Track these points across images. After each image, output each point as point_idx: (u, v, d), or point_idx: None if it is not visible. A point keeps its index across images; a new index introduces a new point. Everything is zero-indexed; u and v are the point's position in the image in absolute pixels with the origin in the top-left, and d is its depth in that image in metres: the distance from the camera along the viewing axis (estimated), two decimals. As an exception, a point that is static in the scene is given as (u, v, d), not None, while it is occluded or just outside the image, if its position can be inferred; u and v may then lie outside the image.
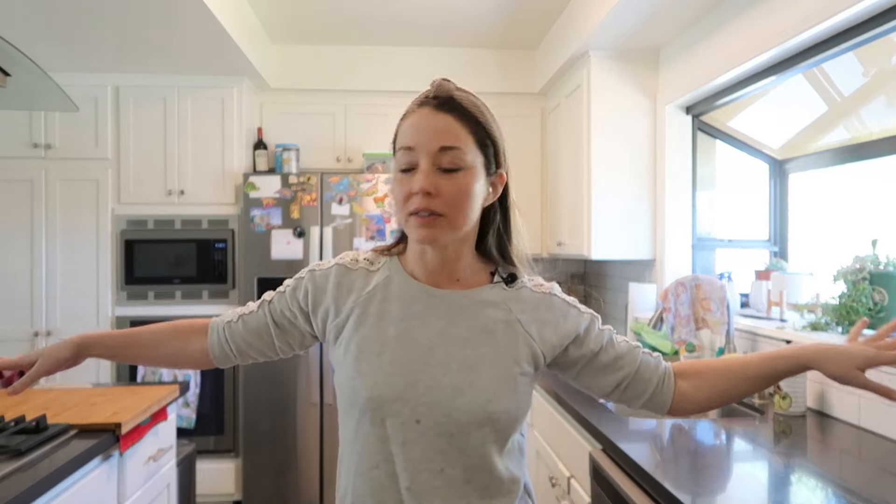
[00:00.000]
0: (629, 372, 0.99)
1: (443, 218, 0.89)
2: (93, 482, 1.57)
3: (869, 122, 2.23)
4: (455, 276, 0.98)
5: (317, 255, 3.19)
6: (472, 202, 0.91)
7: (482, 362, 0.91)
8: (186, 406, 3.23)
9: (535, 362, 0.96)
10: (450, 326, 0.94)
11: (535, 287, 1.00)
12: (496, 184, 0.97)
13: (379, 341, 0.94)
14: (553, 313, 0.98)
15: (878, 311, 1.85)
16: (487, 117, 0.94)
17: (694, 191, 2.82)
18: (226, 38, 2.73)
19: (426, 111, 0.91)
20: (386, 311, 0.96)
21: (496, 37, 3.45)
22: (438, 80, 0.94)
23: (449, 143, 0.89)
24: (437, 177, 0.89)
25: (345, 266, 1.01)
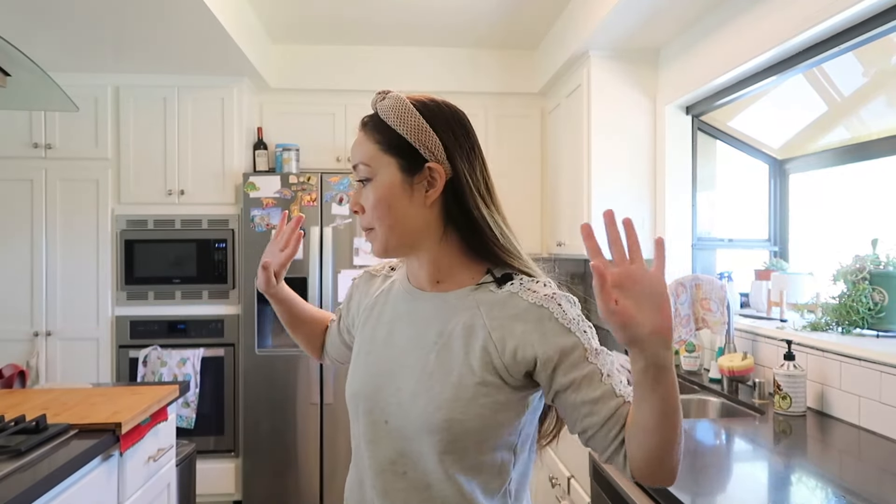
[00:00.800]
0: (596, 422, 0.84)
1: (373, 231, 0.94)
2: (93, 482, 1.57)
3: (869, 122, 2.23)
4: (435, 279, 0.96)
5: (317, 255, 3.19)
6: (390, 207, 0.91)
7: (440, 369, 0.89)
8: (186, 406, 3.23)
9: (499, 373, 0.87)
10: (423, 330, 0.93)
11: (527, 293, 0.90)
12: (433, 177, 0.91)
13: (370, 341, 0.99)
14: (529, 325, 0.87)
15: (878, 311, 1.85)
16: (395, 118, 0.91)
17: (694, 191, 2.82)
18: (226, 38, 2.73)
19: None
20: (382, 312, 1.01)
21: (496, 37, 3.45)
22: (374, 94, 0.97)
23: (355, 160, 0.94)
24: (360, 194, 0.95)
25: (369, 273, 1.12)
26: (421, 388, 0.89)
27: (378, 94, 0.95)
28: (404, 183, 0.91)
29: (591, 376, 0.85)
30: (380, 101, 0.94)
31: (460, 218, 0.93)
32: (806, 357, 1.90)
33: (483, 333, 0.89)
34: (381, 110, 0.93)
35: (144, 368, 3.22)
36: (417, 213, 0.92)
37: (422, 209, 0.92)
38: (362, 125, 0.95)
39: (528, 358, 0.86)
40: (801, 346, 1.93)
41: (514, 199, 3.54)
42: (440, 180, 0.92)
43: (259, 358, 3.19)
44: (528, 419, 0.92)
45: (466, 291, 0.94)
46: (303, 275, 3.19)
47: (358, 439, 0.96)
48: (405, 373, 0.91)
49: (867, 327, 1.88)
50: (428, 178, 0.91)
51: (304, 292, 3.18)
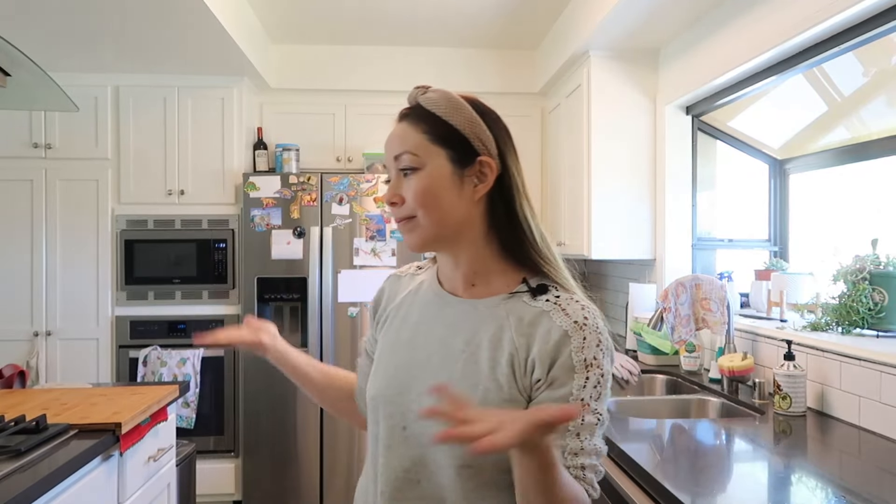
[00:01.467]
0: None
1: (414, 220, 0.89)
2: (93, 482, 1.57)
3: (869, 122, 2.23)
4: (470, 282, 0.93)
5: (317, 256, 3.19)
6: (437, 198, 0.88)
7: (465, 380, 0.85)
8: (186, 406, 3.23)
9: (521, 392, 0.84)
10: (450, 336, 0.90)
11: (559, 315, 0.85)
12: (484, 172, 0.89)
13: (393, 344, 0.96)
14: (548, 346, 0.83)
15: (878, 311, 1.85)
16: (447, 109, 0.89)
17: (694, 191, 2.82)
18: (226, 38, 2.73)
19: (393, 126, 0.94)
20: (408, 314, 0.98)
21: (496, 37, 3.45)
22: (412, 89, 0.95)
23: (398, 150, 0.90)
24: (400, 184, 0.91)
25: (396, 275, 1.08)
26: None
27: (418, 88, 0.94)
28: (454, 175, 0.89)
29: (564, 432, 0.81)
30: (422, 94, 0.92)
31: (504, 218, 0.90)
32: (806, 357, 1.90)
33: (510, 348, 0.85)
34: (427, 102, 0.91)
35: (144, 368, 3.22)
36: (463, 208, 0.89)
37: (468, 203, 0.89)
38: (402, 116, 0.93)
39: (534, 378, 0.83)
40: (801, 346, 1.93)
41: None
42: (491, 175, 0.90)
43: (259, 358, 3.17)
44: None
45: (498, 300, 0.90)
46: (303, 275, 3.19)
47: (374, 442, 0.93)
48: (428, 379, 0.87)
49: (867, 327, 1.88)
50: (478, 171, 0.89)
51: (304, 292, 3.18)
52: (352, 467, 3.19)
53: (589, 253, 2.88)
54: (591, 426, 0.82)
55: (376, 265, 3.20)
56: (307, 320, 3.19)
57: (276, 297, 3.21)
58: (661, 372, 2.52)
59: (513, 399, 0.83)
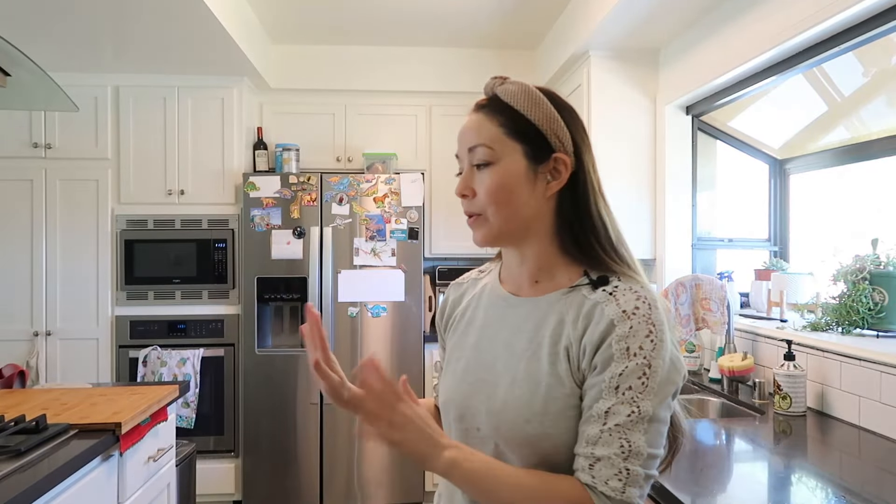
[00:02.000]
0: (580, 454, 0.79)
1: (482, 217, 0.88)
2: (93, 482, 1.57)
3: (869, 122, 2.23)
4: (534, 278, 0.91)
5: (317, 255, 3.19)
6: (511, 194, 0.86)
7: (529, 379, 0.84)
8: (186, 406, 3.23)
9: (580, 385, 0.82)
10: (514, 337, 0.89)
11: (611, 304, 0.82)
12: (558, 169, 0.88)
13: (461, 348, 0.96)
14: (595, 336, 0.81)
15: (878, 311, 1.85)
16: (526, 103, 0.88)
17: (694, 191, 2.82)
18: (226, 38, 2.73)
19: (467, 117, 0.92)
20: (474, 318, 0.97)
21: (496, 37, 3.45)
22: (489, 79, 0.92)
23: (473, 142, 0.88)
24: (472, 177, 0.89)
25: (457, 283, 1.07)
26: (510, 398, 0.84)
27: (495, 78, 0.92)
28: (529, 171, 0.87)
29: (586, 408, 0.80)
30: (500, 86, 0.90)
31: (574, 214, 0.89)
32: (806, 357, 1.90)
33: (566, 342, 0.84)
34: (504, 94, 0.89)
35: (144, 368, 3.22)
36: (535, 205, 0.88)
37: (540, 200, 0.88)
38: (479, 107, 0.91)
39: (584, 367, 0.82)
40: (801, 346, 1.93)
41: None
42: (565, 173, 0.88)
43: (259, 358, 3.19)
44: None
45: (559, 295, 0.88)
46: (302, 275, 3.19)
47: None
48: (495, 380, 0.87)
49: (867, 327, 1.88)
50: (553, 168, 0.88)
51: (304, 292, 3.18)
52: (352, 467, 3.19)
53: (589, 253, 2.88)
54: (621, 416, 0.76)
55: (376, 265, 3.20)
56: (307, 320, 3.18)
57: (276, 297, 3.21)
58: (661, 372, 2.51)
59: (574, 393, 0.82)
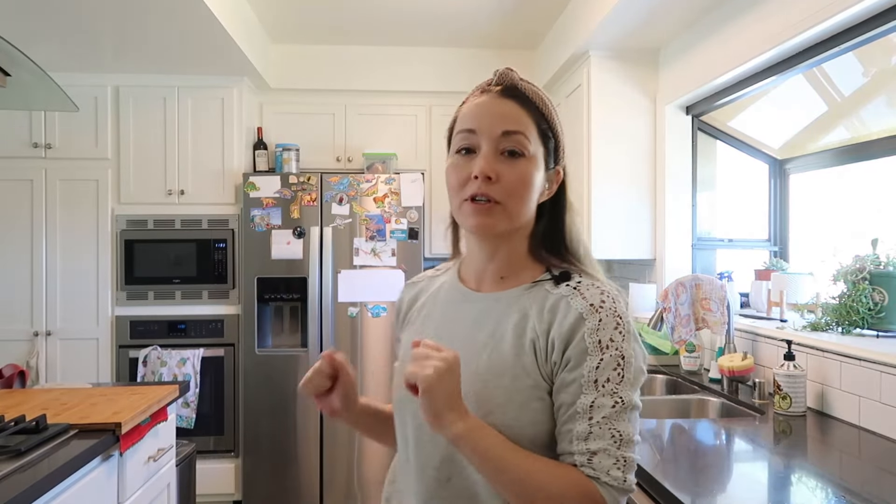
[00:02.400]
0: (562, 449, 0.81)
1: (500, 206, 0.85)
2: (93, 482, 1.57)
3: (869, 122, 2.23)
4: (500, 275, 0.92)
5: (317, 255, 3.19)
6: (531, 192, 0.87)
7: (491, 370, 0.85)
8: (186, 406, 3.23)
9: (545, 379, 0.84)
10: (475, 331, 0.90)
11: (577, 298, 0.84)
12: (553, 180, 0.91)
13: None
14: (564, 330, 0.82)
15: (878, 311, 1.85)
16: (551, 109, 0.91)
17: (694, 191, 2.82)
18: (226, 38, 2.73)
19: (490, 97, 0.89)
20: (430, 315, 0.97)
21: (496, 37, 3.45)
22: (503, 69, 0.91)
23: (512, 128, 0.86)
24: (498, 162, 0.85)
25: (411, 283, 1.07)
26: (471, 391, 0.84)
27: (510, 69, 0.91)
28: (544, 175, 0.90)
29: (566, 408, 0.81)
30: (520, 80, 0.90)
31: (551, 223, 0.92)
32: (806, 357, 1.90)
33: (532, 335, 0.85)
34: (529, 92, 0.89)
35: (144, 368, 3.22)
36: (534, 206, 0.90)
37: (535, 203, 0.90)
38: (509, 94, 0.88)
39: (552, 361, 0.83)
40: (801, 346, 1.93)
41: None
42: (555, 185, 0.92)
43: (259, 358, 3.19)
44: None
45: (521, 290, 0.90)
46: (302, 275, 3.19)
47: (405, 444, 0.92)
48: None
49: (867, 327, 1.88)
50: (551, 178, 0.91)
51: (304, 292, 3.18)
52: (352, 467, 3.19)
53: (589, 253, 2.88)
54: (606, 409, 0.78)
55: (376, 265, 3.20)
56: (307, 320, 3.19)
57: (276, 297, 3.21)
58: (661, 372, 2.52)
59: (538, 385, 0.83)
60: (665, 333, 2.41)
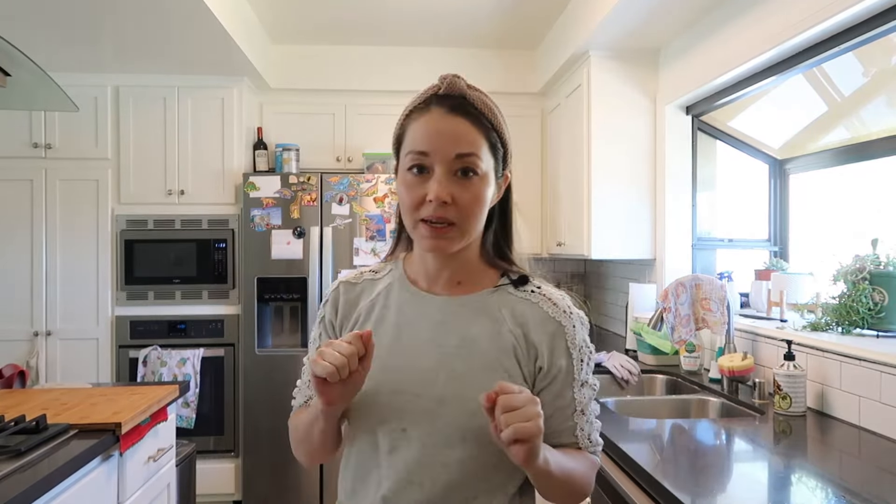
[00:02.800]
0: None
1: (455, 227, 0.86)
2: (93, 482, 1.57)
3: (869, 122, 2.23)
4: (456, 279, 0.93)
5: (317, 255, 3.19)
6: (484, 208, 0.89)
7: (470, 373, 0.86)
8: (186, 406, 3.23)
9: (525, 379, 0.89)
10: (441, 335, 0.90)
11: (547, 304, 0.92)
12: (501, 185, 0.94)
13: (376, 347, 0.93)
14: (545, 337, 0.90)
15: (878, 311, 1.85)
16: (500, 119, 0.91)
17: (694, 191, 2.82)
18: (226, 38, 2.73)
19: (439, 114, 0.87)
20: (383, 317, 0.95)
21: (496, 37, 3.45)
22: (449, 76, 0.89)
23: (465, 150, 0.86)
24: (452, 184, 0.86)
25: (348, 282, 1.01)
26: (447, 393, 0.85)
27: (457, 77, 0.89)
28: (493, 186, 0.91)
29: (564, 409, 0.91)
30: (468, 90, 0.89)
31: (499, 226, 0.96)
32: (806, 357, 1.90)
33: (511, 339, 0.90)
34: (479, 103, 0.88)
35: (144, 368, 3.22)
36: (484, 220, 0.92)
37: (485, 216, 0.92)
38: (459, 111, 0.87)
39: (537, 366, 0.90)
40: (801, 346, 1.93)
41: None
42: (504, 187, 0.95)
43: (259, 358, 3.19)
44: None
45: (485, 295, 0.93)
46: (302, 275, 3.19)
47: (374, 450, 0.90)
48: (424, 378, 0.87)
49: (867, 327, 1.88)
50: (500, 183, 0.94)
51: (304, 292, 3.18)
52: (352, 467, 3.19)
53: (589, 253, 2.88)
54: (591, 399, 0.93)
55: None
56: (307, 320, 3.19)
57: (276, 297, 3.21)
58: (661, 372, 2.52)
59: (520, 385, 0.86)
60: (665, 333, 2.41)
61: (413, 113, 0.90)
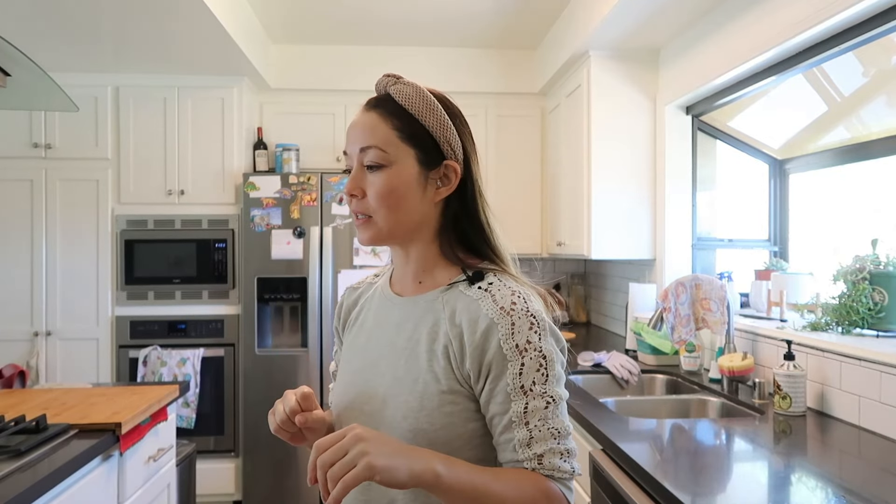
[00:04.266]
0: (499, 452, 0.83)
1: (371, 220, 0.88)
2: (93, 482, 1.57)
3: (869, 122, 2.23)
4: (418, 279, 0.93)
5: (317, 255, 3.19)
6: (400, 198, 0.87)
7: (407, 376, 0.86)
8: (186, 406, 3.23)
9: (460, 382, 0.84)
10: (395, 335, 0.91)
11: (488, 301, 0.84)
12: (448, 175, 0.90)
13: (352, 351, 0.97)
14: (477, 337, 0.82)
15: (878, 311, 1.85)
16: (422, 108, 0.88)
17: (694, 191, 2.82)
18: (226, 38, 2.73)
19: (358, 114, 0.92)
20: (364, 320, 0.99)
21: (496, 37, 3.45)
22: (382, 76, 0.92)
23: (366, 143, 0.87)
24: (362, 177, 0.88)
25: (350, 288, 1.08)
26: (389, 396, 0.86)
27: (388, 76, 0.91)
28: (420, 176, 0.88)
29: (498, 418, 0.82)
30: (393, 85, 0.90)
31: (464, 219, 0.91)
32: (806, 357, 1.90)
33: (445, 340, 0.86)
34: (399, 96, 0.89)
35: (144, 368, 3.22)
36: (423, 209, 0.90)
37: (428, 205, 0.90)
38: (372, 106, 0.90)
39: (468, 369, 0.83)
40: (801, 346, 1.93)
41: (514, 199, 3.54)
42: (455, 179, 0.90)
43: (259, 358, 3.19)
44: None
45: (437, 293, 0.90)
46: (303, 275, 3.19)
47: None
48: (377, 381, 0.89)
49: (867, 327, 1.88)
50: (443, 174, 0.90)
51: (304, 292, 3.18)
52: (352, 467, 3.19)
53: (589, 253, 2.88)
54: (540, 411, 0.80)
55: (376, 265, 3.20)
56: (307, 320, 3.19)
57: (276, 297, 3.21)
58: (661, 372, 2.52)
59: (452, 390, 0.83)
60: (665, 333, 2.41)
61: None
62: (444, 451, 0.80)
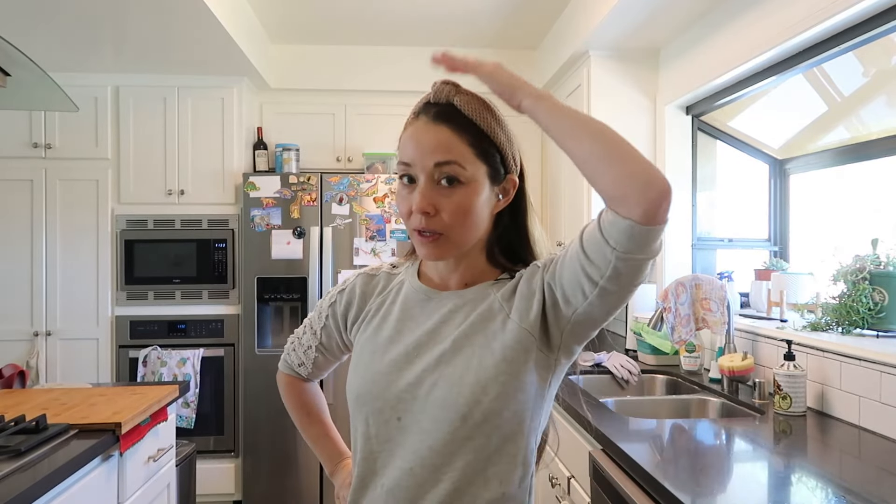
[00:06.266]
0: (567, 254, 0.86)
1: (444, 237, 0.87)
2: (93, 482, 1.57)
3: (869, 122, 2.23)
4: (464, 281, 0.95)
5: (317, 255, 3.19)
6: (475, 216, 0.88)
7: (457, 356, 0.87)
8: (186, 406, 3.23)
9: (528, 353, 0.86)
10: (441, 325, 0.91)
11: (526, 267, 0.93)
12: (507, 189, 0.92)
13: (374, 342, 0.96)
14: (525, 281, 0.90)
15: (878, 311, 1.85)
16: (491, 123, 0.89)
17: (694, 191, 2.82)
18: (226, 38, 2.73)
19: (423, 123, 0.88)
20: (389, 313, 0.98)
21: (496, 37, 3.45)
22: (439, 83, 0.90)
23: (444, 158, 0.85)
24: (436, 194, 0.86)
25: (367, 274, 1.06)
26: (440, 379, 0.86)
27: (447, 83, 0.90)
28: (490, 192, 0.89)
29: (559, 260, 0.87)
30: (455, 95, 0.89)
31: (513, 231, 0.94)
32: (806, 357, 1.90)
33: (502, 315, 0.88)
34: (467, 108, 0.88)
35: (144, 368, 3.22)
36: (487, 223, 0.91)
37: (489, 218, 0.91)
38: (442, 119, 0.87)
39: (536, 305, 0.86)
40: (801, 346, 1.93)
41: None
42: (512, 192, 0.92)
43: (259, 358, 3.19)
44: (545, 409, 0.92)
45: (485, 286, 0.93)
46: (302, 275, 3.19)
47: (367, 441, 0.92)
48: (419, 367, 0.89)
49: (867, 327, 1.88)
50: (503, 188, 0.91)
51: (304, 292, 3.18)
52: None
53: (589, 253, 2.88)
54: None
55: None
56: (307, 320, 3.19)
57: (276, 297, 3.21)
58: (661, 372, 2.52)
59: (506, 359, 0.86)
60: (665, 333, 2.41)
61: (407, 122, 0.92)
62: (495, 423, 0.84)
